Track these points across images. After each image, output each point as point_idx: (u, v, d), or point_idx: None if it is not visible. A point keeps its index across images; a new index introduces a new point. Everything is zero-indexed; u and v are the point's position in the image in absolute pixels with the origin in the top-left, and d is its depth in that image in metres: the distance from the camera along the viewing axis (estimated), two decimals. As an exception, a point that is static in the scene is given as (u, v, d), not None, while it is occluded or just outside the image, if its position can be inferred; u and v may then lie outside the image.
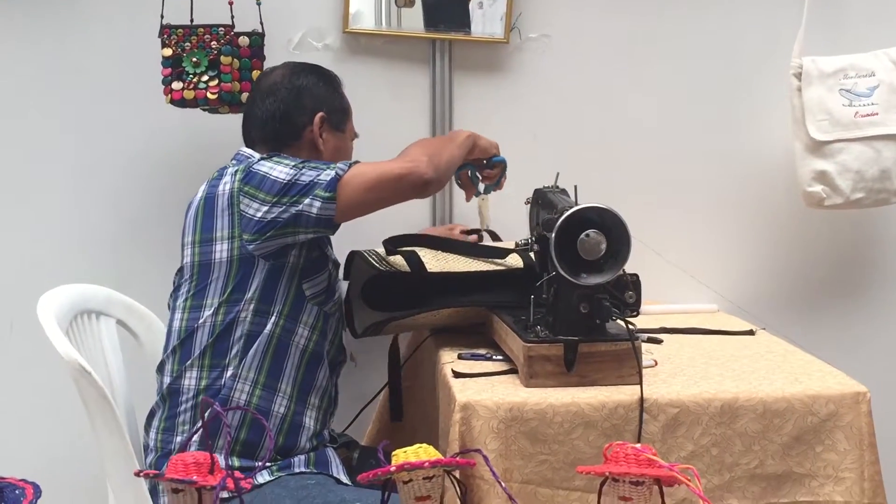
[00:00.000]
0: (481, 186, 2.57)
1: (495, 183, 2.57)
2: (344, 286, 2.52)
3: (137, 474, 1.94)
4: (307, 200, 2.18)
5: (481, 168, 2.53)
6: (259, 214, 2.20)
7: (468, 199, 2.59)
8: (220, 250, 2.25)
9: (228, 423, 1.74)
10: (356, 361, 2.60)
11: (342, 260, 2.51)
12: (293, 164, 2.24)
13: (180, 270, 2.34)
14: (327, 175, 2.20)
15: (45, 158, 2.82)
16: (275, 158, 2.27)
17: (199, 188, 2.35)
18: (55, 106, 2.81)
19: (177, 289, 2.34)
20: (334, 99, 2.47)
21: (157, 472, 1.51)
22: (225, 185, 2.26)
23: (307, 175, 2.20)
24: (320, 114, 2.41)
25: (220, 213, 2.25)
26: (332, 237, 2.40)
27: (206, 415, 1.68)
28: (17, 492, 1.32)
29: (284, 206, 2.19)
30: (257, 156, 2.31)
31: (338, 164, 2.23)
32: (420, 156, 2.28)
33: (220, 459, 1.94)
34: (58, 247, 2.83)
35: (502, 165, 2.55)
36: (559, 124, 2.88)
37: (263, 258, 2.24)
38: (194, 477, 1.43)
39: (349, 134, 2.50)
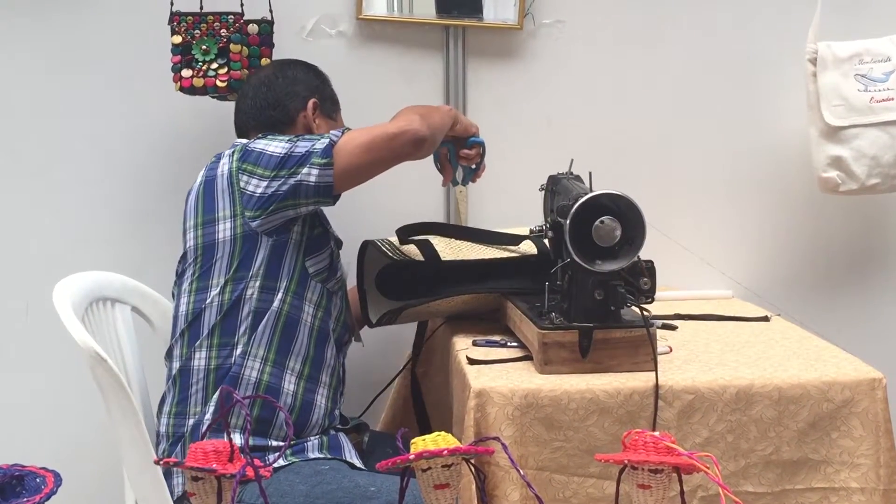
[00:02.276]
0: (459, 175, 2.54)
1: (473, 170, 2.53)
2: (348, 268, 2.53)
3: (158, 463, 1.95)
4: (304, 170, 2.20)
5: (459, 147, 2.49)
6: (259, 190, 2.22)
7: (445, 184, 2.55)
8: (224, 229, 2.26)
9: (249, 412, 1.74)
10: (362, 342, 2.60)
11: (352, 246, 2.52)
12: (287, 139, 2.26)
13: (183, 257, 2.34)
14: (322, 143, 2.22)
15: (61, 146, 2.84)
16: (269, 136, 2.30)
17: (198, 175, 2.36)
18: (67, 94, 2.82)
19: (180, 275, 2.35)
20: (325, 89, 2.52)
21: (177, 460, 1.51)
22: (223, 167, 2.28)
23: (301, 146, 2.22)
24: (313, 100, 2.46)
25: (221, 194, 2.27)
26: (341, 233, 2.43)
27: (223, 400, 1.68)
28: (37, 480, 1.33)
29: (283, 179, 2.20)
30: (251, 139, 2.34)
31: (331, 132, 2.25)
32: (412, 115, 2.29)
33: (235, 438, 1.94)
34: (72, 234, 2.85)
35: (480, 147, 2.51)
36: (573, 111, 2.88)
37: (266, 234, 2.25)
38: (214, 465, 1.44)
39: (339, 125, 2.52)
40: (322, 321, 2.32)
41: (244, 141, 2.36)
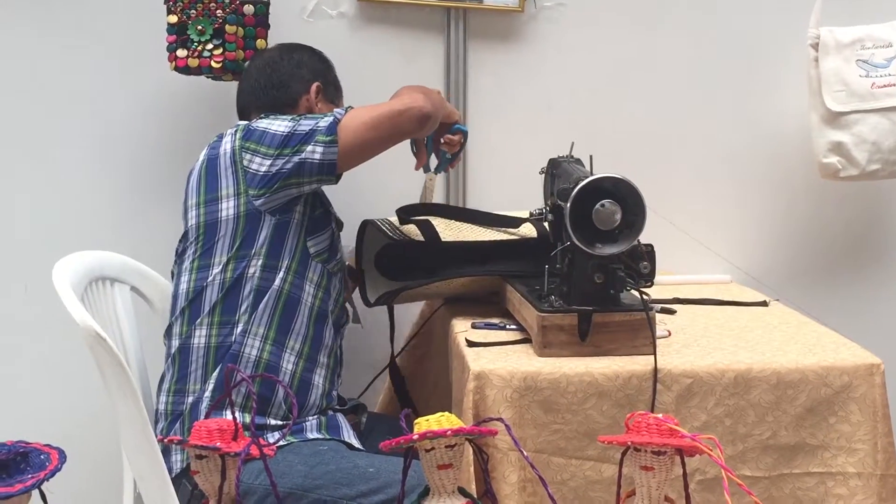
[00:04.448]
0: (433, 162, 2.53)
1: (450, 159, 2.52)
2: (345, 250, 2.54)
3: (162, 441, 1.96)
4: (309, 147, 2.21)
5: (442, 132, 2.47)
6: (263, 169, 2.23)
7: (417, 168, 2.50)
8: (227, 208, 2.27)
9: (254, 389, 1.75)
10: (362, 323, 2.62)
11: (352, 227, 2.53)
12: (290, 118, 2.28)
13: (184, 236, 2.35)
14: (325, 121, 2.23)
15: (59, 126, 2.85)
16: (271, 117, 2.31)
17: (200, 154, 2.37)
18: (65, 74, 2.83)
19: (181, 254, 2.35)
20: (329, 74, 2.52)
21: (181, 438, 1.52)
22: (226, 146, 2.29)
23: (305, 125, 2.23)
24: (316, 84, 2.46)
25: (224, 172, 2.27)
26: (340, 213, 2.44)
27: (227, 377, 1.69)
28: (41, 457, 1.32)
29: (287, 157, 2.21)
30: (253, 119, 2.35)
31: (334, 111, 2.27)
32: (415, 93, 2.31)
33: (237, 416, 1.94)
34: (72, 213, 2.86)
35: (463, 136, 2.50)
36: (574, 94, 2.89)
37: (270, 213, 2.26)
38: (218, 443, 1.45)
39: None
40: (322, 301, 2.33)
41: (244, 122, 2.36)
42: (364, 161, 2.29)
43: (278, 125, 2.24)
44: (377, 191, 2.71)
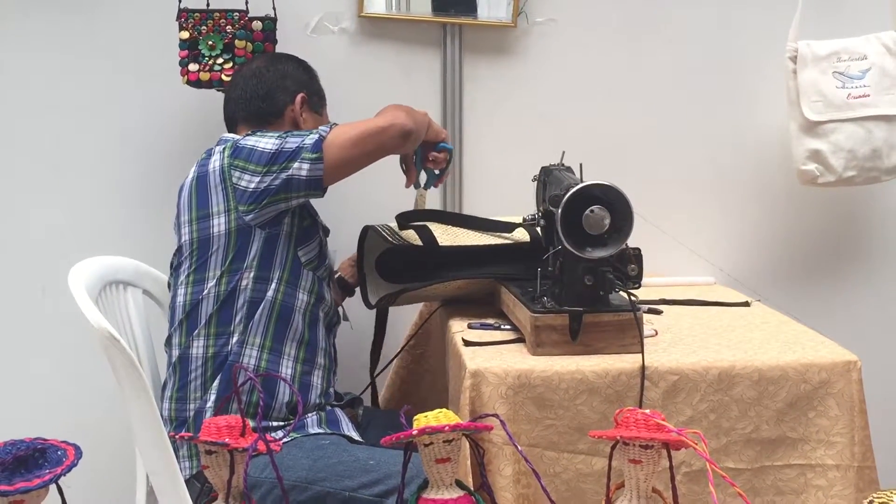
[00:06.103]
0: (423, 178, 2.56)
1: (438, 175, 2.55)
2: (335, 255, 2.58)
3: (173, 437, 1.95)
4: (296, 164, 2.23)
5: (429, 150, 2.51)
6: (252, 186, 2.25)
7: (408, 185, 2.54)
8: (218, 224, 2.30)
9: (259, 387, 1.80)
10: (350, 323, 2.64)
11: (342, 233, 2.58)
12: (276, 135, 2.30)
13: (178, 251, 2.38)
14: (311, 139, 2.25)
15: (76, 136, 2.87)
16: (258, 134, 2.33)
17: (189, 170, 2.39)
18: (81, 88, 2.85)
19: (176, 268, 2.38)
20: (313, 84, 2.54)
21: (191, 434, 1.53)
22: (214, 163, 2.31)
23: (291, 142, 2.26)
24: (301, 94, 2.48)
25: (214, 189, 2.30)
26: (332, 220, 2.49)
27: (235, 376, 1.69)
28: (58, 453, 1.33)
29: (275, 174, 2.24)
30: (241, 136, 2.37)
31: (319, 128, 2.29)
32: (397, 111, 2.34)
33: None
34: (87, 220, 2.88)
35: (448, 153, 2.53)
36: (565, 105, 2.91)
37: (260, 227, 2.29)
38: (227, 439, 1.47)
39: (325, 119, 2.56)
40: (314, 306, 2.37)
41: (232, 136, 2.40)
42: (349, 175, 2.31)
43: (265, 143, 2.27)
44: (375, 199, 2.73)
